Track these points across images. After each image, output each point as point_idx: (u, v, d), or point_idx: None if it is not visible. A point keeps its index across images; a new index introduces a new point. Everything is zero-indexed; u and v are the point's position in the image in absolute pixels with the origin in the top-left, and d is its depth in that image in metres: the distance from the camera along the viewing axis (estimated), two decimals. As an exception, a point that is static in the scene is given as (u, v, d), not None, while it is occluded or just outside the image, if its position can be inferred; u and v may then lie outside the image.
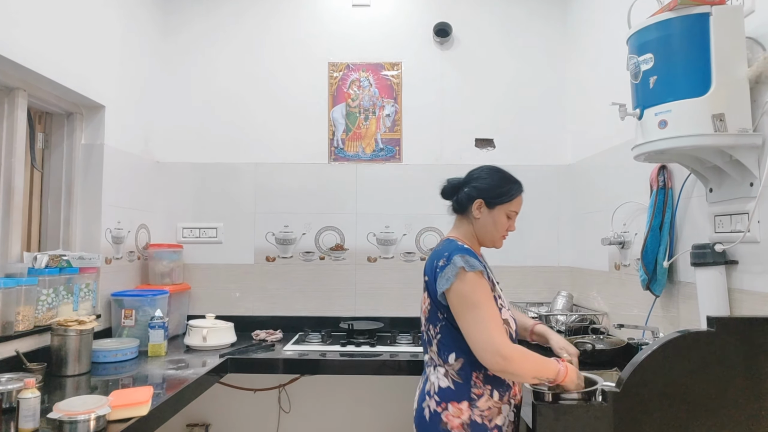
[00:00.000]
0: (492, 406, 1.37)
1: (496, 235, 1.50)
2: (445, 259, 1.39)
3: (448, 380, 1.40)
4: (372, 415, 2.77)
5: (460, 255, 1.37)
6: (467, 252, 1.40)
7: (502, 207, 1.49)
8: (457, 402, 1.37)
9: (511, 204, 1.50)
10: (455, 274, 1.34)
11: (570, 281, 2.81)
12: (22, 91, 2.02)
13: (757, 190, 1.39)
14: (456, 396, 1.37)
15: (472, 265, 1.36)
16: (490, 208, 1.49)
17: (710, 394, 1.18)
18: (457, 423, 1.35)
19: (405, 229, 2.87)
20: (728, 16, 1.38)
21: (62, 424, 1.28)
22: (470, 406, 1.36)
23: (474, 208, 1.49)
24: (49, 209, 2.30)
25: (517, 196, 1.51)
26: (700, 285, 1.54)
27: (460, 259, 1.36)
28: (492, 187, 1.49)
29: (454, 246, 1.43)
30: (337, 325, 2.67)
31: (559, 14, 2.93)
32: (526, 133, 2.91)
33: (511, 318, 1.46)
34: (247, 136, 2.92)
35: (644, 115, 1.48)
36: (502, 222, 1.49)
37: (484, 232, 1.50)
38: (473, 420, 1.35)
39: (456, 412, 1.36)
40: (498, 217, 1.49)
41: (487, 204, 1.49)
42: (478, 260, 1.40)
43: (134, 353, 2.18)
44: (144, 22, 2.74)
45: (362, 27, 2.95)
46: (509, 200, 1.49)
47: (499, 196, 1.48)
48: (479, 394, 1.37)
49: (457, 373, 1.39)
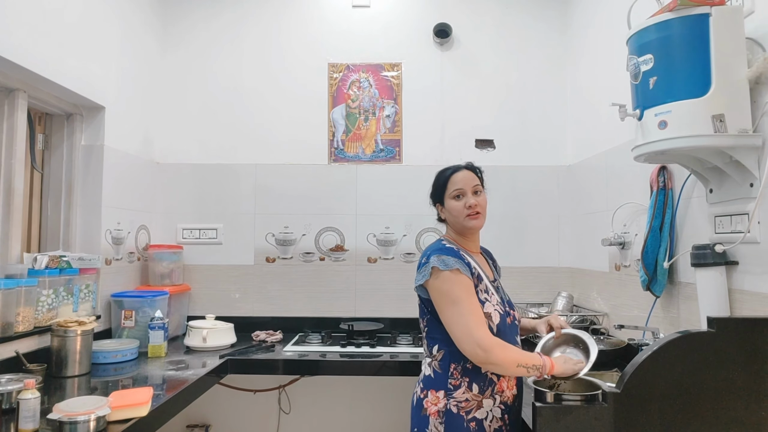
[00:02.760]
0: (470, 398, 1.41)
1: (460, 218, 1.53)
2: (426, 257, 1.48)
3: (430, 370, 1.48)
4: (372, 415, 2.76)
5: (437, 255, 1.45)
6: (446, 252, 1.46)
7: (446, 196, 1.56)
8: (435, 390, 1.44)
9: (447, 189, 1.56)
10: (429, 272, 1.43)
11: (570, 282, 2.81)
12: (22, 92, 2.02)
13: (757, 191, 1.39)
14: (435, 384, 1.45)
15: (447, 264, 1.42)
16: (443, 205, 1.58)
17: (710, 394, 1.18)
18: (434, 410, 1.43)
19: (405, 229, 2.87)
20: (728, 17, 1.38)
21: (62, 424, 1.28)
22: (446, 395, 1.42)
23: (439, 212, 1.62)
24: (49, 210, 2.30)
25: (448, 179, 1.57)
26: (701, 286, 1.54)
27: (436, 259, 1.43)
28: (433, 189, 1.61)
29: (436, 246, 1.51)
30: (337, 326, 2.67)
31: (559, 14, 2.94)
32: (527, 133, 2.91)
33: (495, 311, 1.46)
34: (247, 136, 2.92)
35: (644, 116, 1.48)
36: (455, 206, 1.54)
37: (453, 223, 1.57)
38: (449, 409, 1.41)
39: (434, 400, 1.44)
40: (450, 205, 1.55)
41: (440, 202, 1.59)
42: (457, 258, 1.45)
43: (134, 354, 2.18)
44: (144, 22, 2.74)
45: (362, 28, 2.95)
46: (444, 188, 1.56)
47: (437, 189, 1.59)
48: (456, 385, 1.42)
49: (438, 364, 1.47)
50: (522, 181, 2.89)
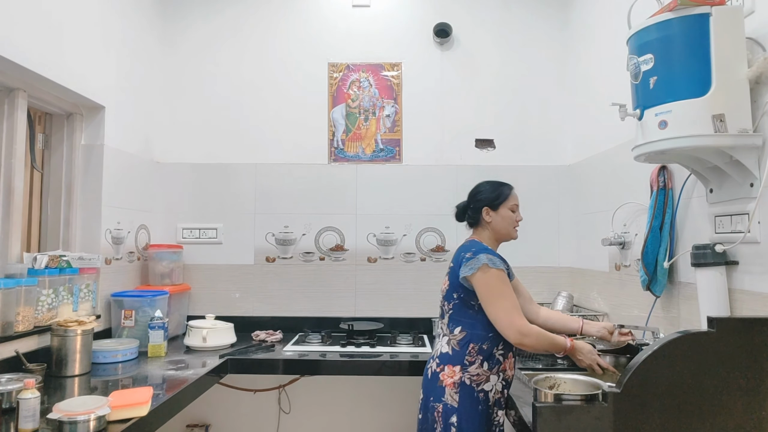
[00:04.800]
0: (481, 373, 1.68)
1: (509, 229, 1.83)
2: (472, 253, 1.71)
3: (448, 347, 1.73)
4: (372, 415, 2.76)
5: (486, 254, 1.69)
6: (492, 252, 1.72)
7: (503, 206, 1.82)
8: (452, 365, 1.70)
9: (508, 200, 1.83)
10: (478, 267, 1.66)
11: (570, 282, 2.81)
12: (22, 92, 2.02)
13: (758, 191, 1.39)
14: (452, 360, 1.70)
15: (496, 263, 1.68)
16: (495, 210, 1.82)
17: (710, 394, 1.18)
18: (450, 381, 1.68)
19: (405, 229, 2.87)
20: (728, 17, 1.38)
21: (62, 424, 1.28)
22: (462, 369, 1.68)
23: (484, 215, 1.82)
24: (49, 210, 2.30)
25: (510, 193, 1.85)
26: (701, 285, 1.54)
27: (485, 257, 1.68)
28: (490, 195, 1.83)
29: (481, 246, 1.75)
30: (337, 326, 2.67)
31: (559, 14, 2.94)
32: (527, 133, 2.91)
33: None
34: (247, 136, 2.92)
35: (644, 116, 1.48)
36: (509, 216, 1.82)
37: (499, 229, 1.82)
38: (463, 381, 1.67)
39: (450, 373, 1.69)
40: (504, 214, 1.82)
41: (492, 208, 1.82)
42: (502, 260, 1.72)
43: (134, 354, 2.18)
44: (144, 22, 2.74)
45: (362, 27, 2.95)
46: (506, 198, 1.83)
47: (497, 198, 1.83)
48: (471, 362, 1.68)
49: (458, 343, 1.71)
50: (522, 181, 2.86)
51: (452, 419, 1.65)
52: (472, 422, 1.65)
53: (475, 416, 1.65)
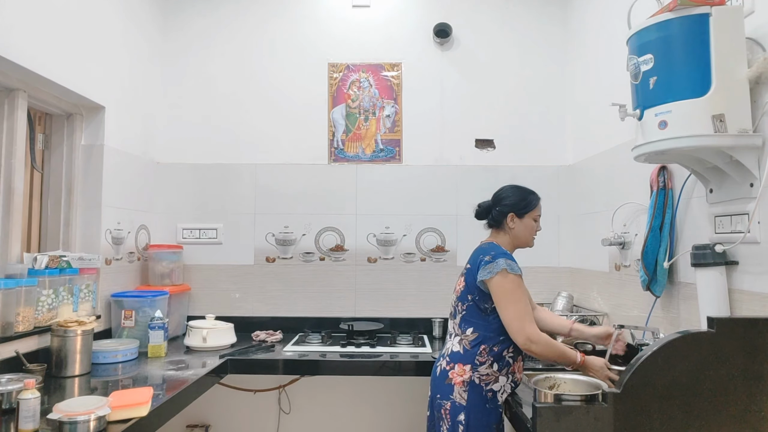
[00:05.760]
0: (490, 374, 1.70)
1: (529, 238, 1.87)
2: (491, 256, 1.73)
3: (460, 347, 1.76)
4: (372, 415, 2.76)
5: (506, 259, 1.71)
6: (510, 257, 1.74)
7: (529, 215, 1.85)
8: (463, 364, 1.72)
9: (535, 211, 1.86)
10: (497, 271, 1.68)
11: (570, 282, 2.81)
12: (22, 92, 2.02)
13: (758, 191, 1.39)
14: (463, 359, 1.73)
15: (514, 269, 1.71)
16: (520, 218, 1.84)
17: (710, 394, 1.18)
18: (459, 380, 1.71)
19: (405, 229, 2.87)
20: (728, 17, 1.38)
21: (62, 424, 1.28)
22: (472, 368, 1.70)
23: (508, 221, 1.84)
24: (49, 210, 2.30)
25: (538, 203, 1.88)
26: (701, 286, 1.54)
27: (504, 262, 1.70)
28: (518, 202, 1.85)
29: (500, 250, 1.76)
30: (337, 326, 2.67)
31: (559, 14, 2.94)
32: (527, 133, 2.91)
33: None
34: (247, 136, 2.92)
35: (644, 116, 1.48)
36: (532, 226, 1.86)
37: (520, 236, 1.85)
38: (472, 380, 1.70)
39: (460, 372, 1.71)
40: (528, 223, 1.85)
41: (518, 215, 1.84)
42: (518, 266, 1.73)
43: (134, 354, 2.18)
44: (144, 23, 2.74)
45: (362, 28, 2.95)
46: (533, 208, 1.86)
47: (525, 207, 1.85)
48: (481, 362, 1.71)
49: (469, 343, 1.74)
50: (522, 181, 2.83)
51: (460, 417, 1.67)
52: (480, 421, 1.67)
53: (482, 415, 1.68)
